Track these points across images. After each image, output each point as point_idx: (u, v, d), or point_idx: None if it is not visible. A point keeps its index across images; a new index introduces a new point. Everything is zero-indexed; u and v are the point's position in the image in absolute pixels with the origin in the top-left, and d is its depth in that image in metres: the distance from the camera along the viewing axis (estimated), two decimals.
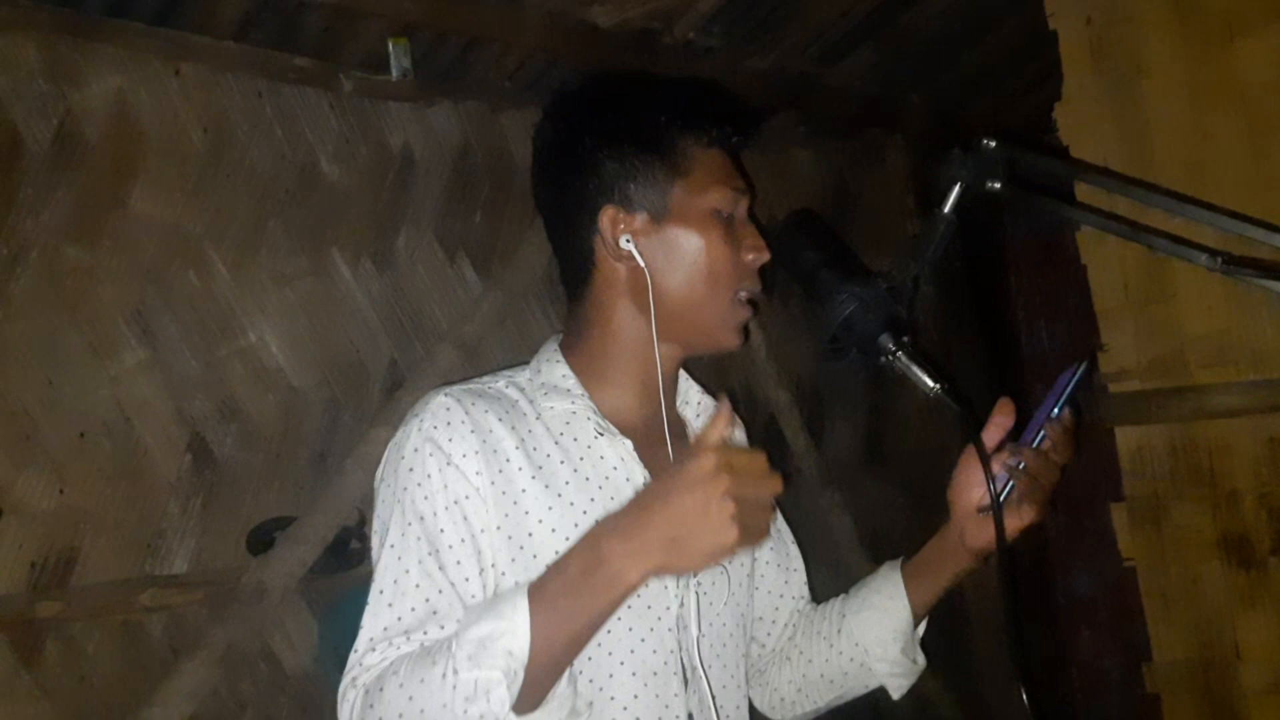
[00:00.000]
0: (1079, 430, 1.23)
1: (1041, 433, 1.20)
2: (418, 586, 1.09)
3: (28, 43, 1.91)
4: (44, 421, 1.89)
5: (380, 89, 2.35)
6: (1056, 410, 1.20)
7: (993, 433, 1.22)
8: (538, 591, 0.99)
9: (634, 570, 0.96)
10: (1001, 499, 1.16)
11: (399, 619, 1.08)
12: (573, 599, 0.98)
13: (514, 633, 0.96)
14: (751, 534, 0.96)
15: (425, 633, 1.07)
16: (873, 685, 1.38)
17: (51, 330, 1.92)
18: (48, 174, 1.92)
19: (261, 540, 2.13)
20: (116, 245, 2.00)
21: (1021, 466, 1.18)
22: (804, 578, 1.45)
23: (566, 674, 1.03)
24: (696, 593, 1.21)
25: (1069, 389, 1.21)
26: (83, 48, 1.97)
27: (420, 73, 2.36)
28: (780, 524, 1.45)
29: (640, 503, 0.98)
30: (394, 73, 2.33)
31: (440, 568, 1.10)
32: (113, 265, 1.99)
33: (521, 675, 0.97)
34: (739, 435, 1.41)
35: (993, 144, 1.20)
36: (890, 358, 1.16)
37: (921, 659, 1.37)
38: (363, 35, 2.27)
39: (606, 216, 1.21)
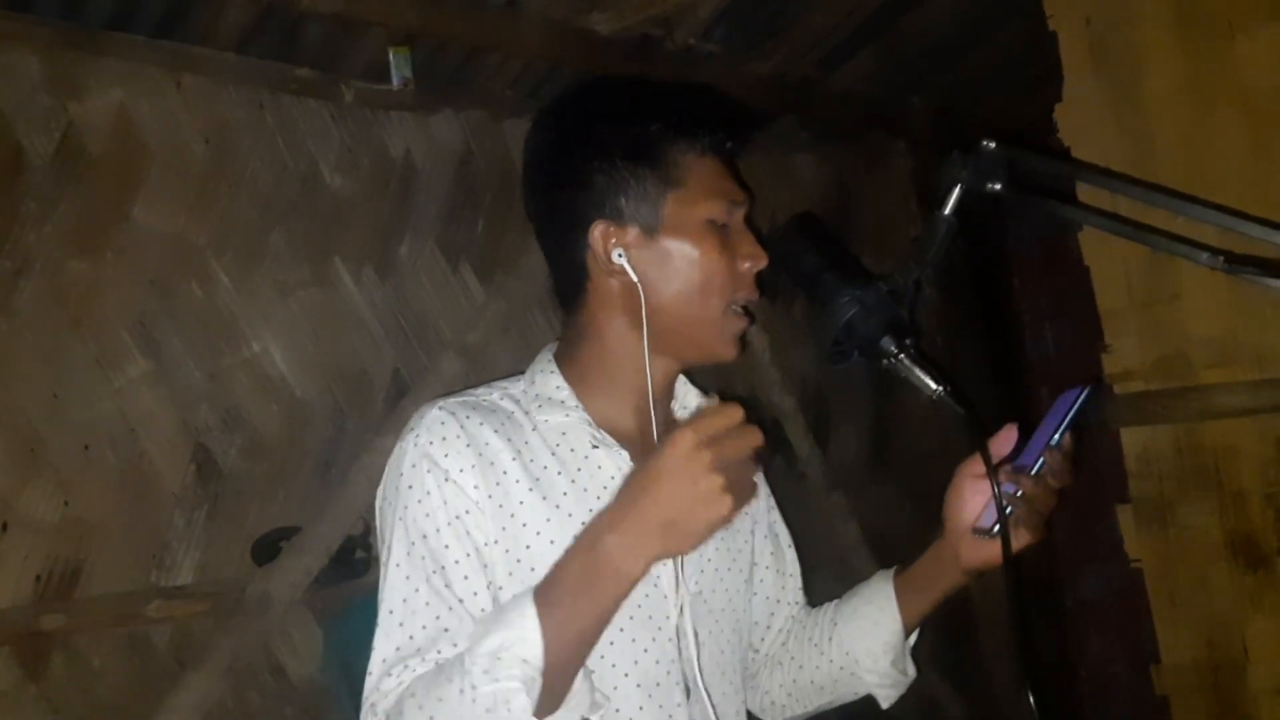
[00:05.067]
0: (1078, 453, 1.21)
1: (1041, 460, 1.17)
2: (427, 605, 1.08)
3: (30, 56, 1.92)
4: (49, 434, 1.90)
5: (381, 98, 2.36)
6: (1058, 437, 1.18)
7: (992, 452, 1.18)
8: (543, 597, 0.98)
9: (635, 562, 0.96)
10: (997, 527, 1.15)
11: (410, 638, 1.08)
12: (578, 599, 0.98)
13: (525, 640, 0.96)
14: (741, 496, 0.95)
15: (439, 651, 1.06)
16: (862, 692, 1.37)
17: (56, 343, 1.92)
18: (50, 187, 1.93)
19: (267, 550, 2.13)
20: (119, 257, 2.01)
21: (1019, 494, 1.16)
22: (799, 582, 1.44)
23: (582, 670, 1.02)
24: (696, 600, 1.20)
25: (1072, 413, 1.18)
26: (84, 61, 1.98)
27: (421, 82, 2.37)
28: (779, 529, 1.44)
29: (629, 494, 0.98)
30: (395, 82, 2.33)
31: (447, 585, 1.09)
32: (116, 277, 2.00)
33: (539, 681, 0.96)
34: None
35: (992, 145, 1.19)
36: (892, 361, 1.15)
37: (912, 670, 1.36)
38: (363, 45, 2.28)
39: (598, 231, 1.18)
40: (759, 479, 1.39)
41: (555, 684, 0.99)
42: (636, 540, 0.95)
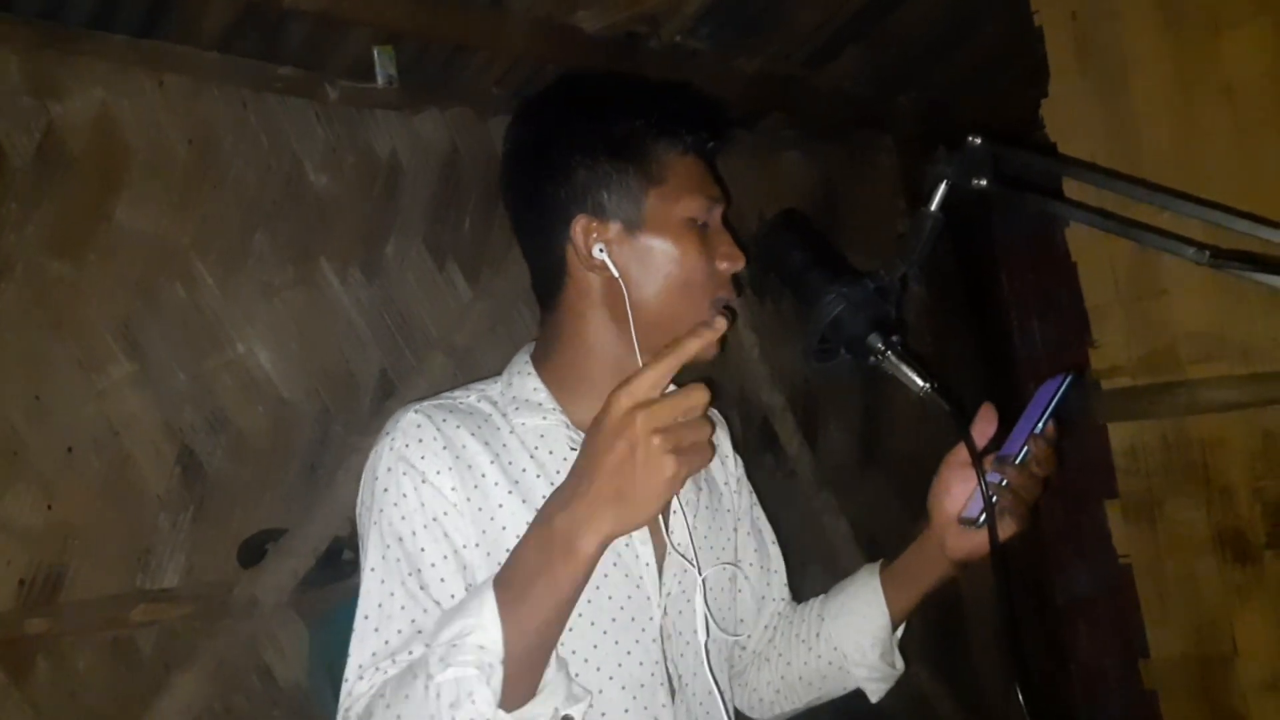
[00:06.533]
0: (1061, 441, 1.21)
1: (1025, 448, 1.17)
2: (403, 609, 1.07)
3: (9, 56, 1.91)
4: (31, 437, 1.88)
5: (366, 97, 2.35)
6: (1041, 425, 1.18)
7: (975, 440, 1.18)
8: (501, 583, 0.96)
9: (588, 538, 0.92)
10: (983, 517, 1.15)
11: (386, 643, 1.06)
12: (536, 582, 0.95)
13: (483, 627, 0.94)
14: (692, 459, 0.92)
15: (410, 652, 1.05)
16: (851, 687, 1.37)
17: (38, 345, 1.91)
18: (31, 188, 1.91)
19: (253, 552, 2.12)
20: (102, 259, 1.99)
21: (1004, 484, 1.16)
22: (784, 579, 1.44)
23: (555, 660, 1.00)
24: (679, 599, 1.19)
25: (1054, 401, 1.19)
26: (65, 60, 1.97)
27: (406, 80, 2.36)
28: (762, 524, 1.44)
29: (574, 471, 0.95)
30: (380, 80, 2.32)
31: (423, 587, 1.07)
32: (98, 279, 1.98)
33: (499, 670, 0.94)
34: (720, 434, 1.39)
35: (979, 142, 1.19)
36: (879, 358, 1.15)
37: (900, 663, 1.36)
38: (348, 43, 2.26)
39: (579, 226, 1.18)
40: (722, 440, 1.38)
41: (522, 674, 0.96)
42: (586, 515, 0.92)
